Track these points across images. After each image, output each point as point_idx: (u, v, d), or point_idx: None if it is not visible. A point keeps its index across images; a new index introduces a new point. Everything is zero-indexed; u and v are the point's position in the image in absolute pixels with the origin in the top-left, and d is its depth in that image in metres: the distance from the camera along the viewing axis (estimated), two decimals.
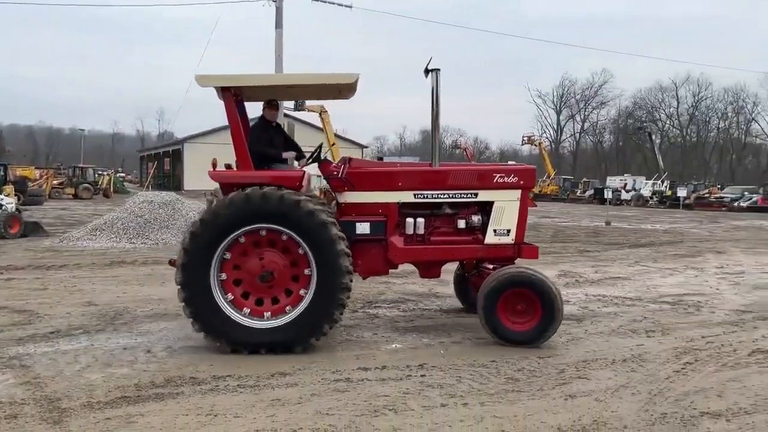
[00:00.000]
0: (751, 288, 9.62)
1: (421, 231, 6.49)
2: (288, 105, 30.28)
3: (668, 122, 73.36)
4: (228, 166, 6.50)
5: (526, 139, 59.43)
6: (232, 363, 5.49)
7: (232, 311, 5.76)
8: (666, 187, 45.18)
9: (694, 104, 71.33)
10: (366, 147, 70.38)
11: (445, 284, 9.83)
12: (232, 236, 5.74)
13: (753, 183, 51.17)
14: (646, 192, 45.84)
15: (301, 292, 5.87)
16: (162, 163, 65.21)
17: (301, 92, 7.11)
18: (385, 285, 9.80)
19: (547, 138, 69.33)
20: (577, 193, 52.11)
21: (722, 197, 40.57)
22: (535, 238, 16.39)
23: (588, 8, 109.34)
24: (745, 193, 41.05)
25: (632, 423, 4.19)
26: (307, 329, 5.76)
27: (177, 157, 60.79)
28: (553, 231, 20.46)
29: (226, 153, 6.90)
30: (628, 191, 46.49)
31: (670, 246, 15.97)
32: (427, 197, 6.51)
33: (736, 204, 37.67)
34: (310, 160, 6.81)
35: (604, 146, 77.93)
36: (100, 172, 45.95)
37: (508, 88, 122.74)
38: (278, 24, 23.27)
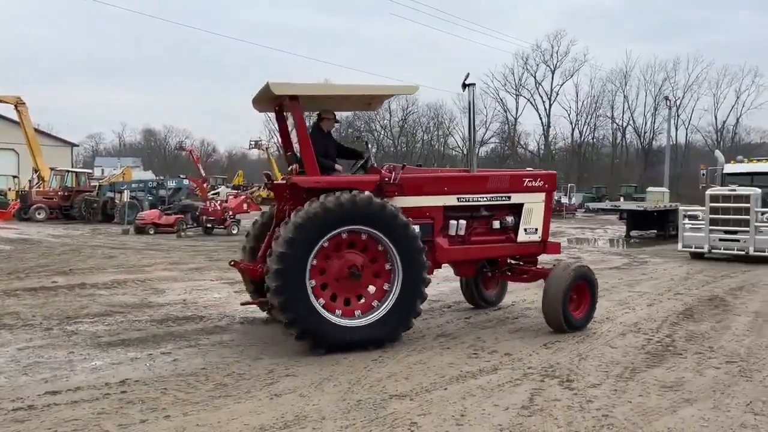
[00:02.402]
0: (442, 279, 10.95)
1: (462, 232, 7.08)
2: None
3: (383, 133, 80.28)
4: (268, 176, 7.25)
5: (253, 143, 59.72)
6: None
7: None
8: None
9: (403, 117, 79.29)
10: (77, 146, 63.49)
11: (159, 293, 9.35)
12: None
13: None
14: None
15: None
16: None
17: (348, 103, 7.64)
18: (89, 298, 8.96)
19: (274, 143, 70.62)
20: None
21: None
22: None
23: (313, 23, 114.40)
24: None
25: (330, 413, 4.45)
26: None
27: None
28: None
29: None
30: None
31: None
32: (468, 200, 7.13)
33: None
34: (359, 167, 7.00)
35: None
36: None
37: (235, 93, 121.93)
38: None
